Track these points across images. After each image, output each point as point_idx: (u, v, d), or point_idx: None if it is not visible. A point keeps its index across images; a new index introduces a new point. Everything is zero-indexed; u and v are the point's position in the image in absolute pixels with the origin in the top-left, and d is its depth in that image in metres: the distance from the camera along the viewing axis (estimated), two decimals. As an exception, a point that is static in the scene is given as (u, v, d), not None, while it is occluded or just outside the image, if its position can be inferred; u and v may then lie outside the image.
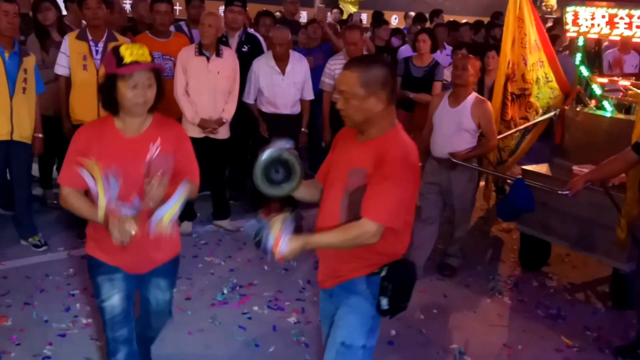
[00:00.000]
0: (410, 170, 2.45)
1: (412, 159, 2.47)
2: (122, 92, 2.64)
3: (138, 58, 2.63)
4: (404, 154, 2.45)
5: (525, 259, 5.38)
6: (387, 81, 2.45)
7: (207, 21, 5.22)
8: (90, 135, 2.74)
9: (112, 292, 2.91)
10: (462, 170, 4.79)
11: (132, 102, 2.66)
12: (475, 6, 14.22)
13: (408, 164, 2.44)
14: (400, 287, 2.61)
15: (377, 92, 2.43)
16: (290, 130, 5.86)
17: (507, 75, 5.51)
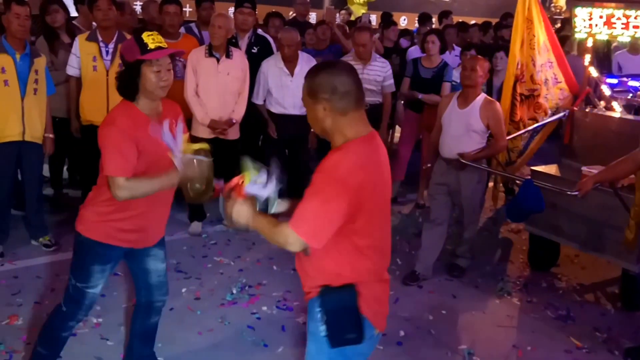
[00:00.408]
0: (338, 186, 2.19)
1: (341, 175, 2.20)
2: (147, 76, 2.80)
3: (160, 44, 2.82)
4: (334, 167, 2.23)
5: (534, 260, 5.37)
6: (336, 89, 2.24)
7: (217, 22, 5.24)
8: (128, 121, 2.82)
9: (100, 281, 3.08)
10: (471, 171, 4.79)
11: (157, 86, 2.83)
12: (484, 7, 14.18)
13: (335, 180, 2.20)
14: (332, 315, 2.33)
15: (324, 100, 2.26)
16: (299, 130, 5.88)
17: (516, 76, 5.52)
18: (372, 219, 2.31)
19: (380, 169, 2.37)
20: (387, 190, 2.45)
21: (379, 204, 2.35)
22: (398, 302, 4.63)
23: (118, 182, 2.78)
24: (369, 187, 2.26)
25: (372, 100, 5.95)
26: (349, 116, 2.28)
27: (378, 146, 2.39)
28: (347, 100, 2.26)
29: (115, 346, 3.79)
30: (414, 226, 6.14)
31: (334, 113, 2.27)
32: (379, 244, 2.42)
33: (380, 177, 2.37)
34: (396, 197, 6.90)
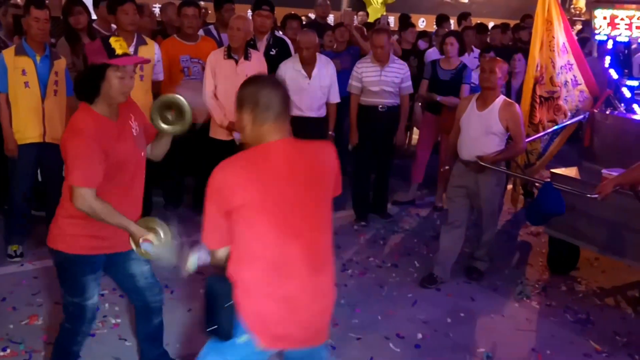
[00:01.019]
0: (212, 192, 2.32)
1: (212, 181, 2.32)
2: (111, 81, 2.82)
3: (126, 51, 2.86)
4: (212, 174, 2.34)
5: (553, 263, 5.33)
6: (259, 102, 2.35)
7: (236, 25, 5.26)
8: (94, 129, 2.81)
9: (95, 290, 3.09)
10: (489, 173, 4.76)
11: (119, 92, 2.86)
12: (503, 9, 14.10)
13: (209, 186, 2.32)
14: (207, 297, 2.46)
15: (245, 110, 2.37)
16: (316, 133, 5.88)
17: (536, 78, 5.48)
18: (253, 229, 2.32)
19: (280, 179, 2.35)
20: (297, 200, 2.38)
21: (268, 213, 2.33)
22: (416, 304, 4.62)
23: (81, 192, 2.76)
24: (244, 193, 2.30)
25: (389, 103, 5.94)
26: (264, 127, 2.37)
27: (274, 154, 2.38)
28: (267, 113, 2.36)
29: (133, 346, 3.81)
30: (432, 229, 6.12)
31: (253, 123, 2.37)
32: (275, 258, 2.36)
33: (284, 187, 2.35)
34: (414, 199, 6.90)
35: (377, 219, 6.30)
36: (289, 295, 2.37)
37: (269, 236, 2.33)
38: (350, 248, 5.60)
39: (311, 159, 2.47)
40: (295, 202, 2.36)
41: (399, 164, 7.23)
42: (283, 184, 2.35)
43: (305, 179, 2.41)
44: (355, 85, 5.97)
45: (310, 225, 2.41)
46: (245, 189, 2.30)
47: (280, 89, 2.42)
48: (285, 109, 2.41)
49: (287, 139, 2.42)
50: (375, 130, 5.98)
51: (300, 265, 2.37)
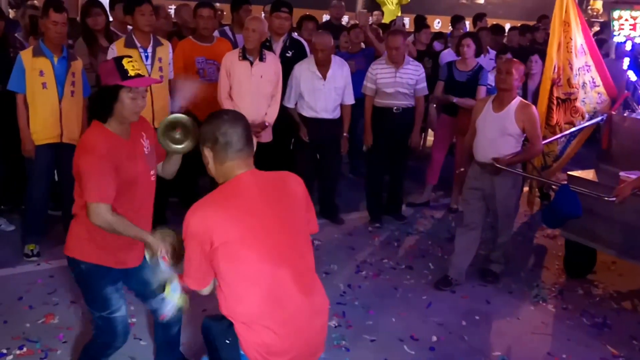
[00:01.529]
0: (187, 235, 2.35)
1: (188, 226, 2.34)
2: (124, 102, 2.85)
3: (139, 71, 2.88)
4: (186, 217, 2.36)
5: (570, 266, 5.28)
6: (217, 140, 2.40)
7: (251, 26, 5.26)
8: (106, 147, 2.84)
9: (121, 302, 3.08)
10: (505, 175, 4.73)
11: (132, 112, 2.89)
12: (519, 10, 14.02)
13: (185, 230, 2.35)
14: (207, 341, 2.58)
15: (206, 147, 2.45)
16: (331, 134, 5.88)
17: (553, 79, 5.44)
18: (238, 263, 2.32)
19: (255, 211, 2.38)
20: (275, 228, 2.40)
21: (258, 245, 2.34)
22: (430, 306, 4.60)
23: (97, 208, 2.78)
24: (237, 234, 2.32)
25: (404, 104, 5.92)
26: (226, 165, 2.43)
27: (258, 186, 2.44)
28: (228, 150, 2.41)
29: (149, 346, 3.83)
30: (447, 231, 6.10)
31: (215, 160, 2.45)
32: (268, 287, 2.36)
33: (260, 217, 2.37)
34: (428, 201, 6.87)
35: (391, 221, 6.29)
36: (289, 320, 2.39)
37: (256, 268, 2.34)
38: (364, 249, 5.59)
39: (280, 188, 2.51)
40: (274, 230, 2.39)
41: (413, 165, 7.21)
42: (259, 215, 2.38)
43: (279, 208, 2.45)
44: (370, 87, 5.96)
45: (293, 250, 2.44)
46: (223, 228, 2.31)
47: (240, 124, 2.45)
48: (246, 143, 2.44)
49: (252, 171, 2.47)
50: (390, 132, 5.96)
51: (293, 289, 2.40)
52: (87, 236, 2.95)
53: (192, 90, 3.43)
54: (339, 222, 6.17)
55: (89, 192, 2.78)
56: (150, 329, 4.00)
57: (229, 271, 2.33)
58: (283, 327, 2.38)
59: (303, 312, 2.43)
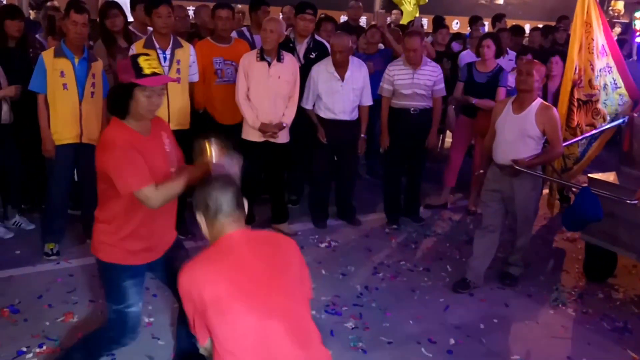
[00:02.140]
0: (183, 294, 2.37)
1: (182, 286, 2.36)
2: (139, 100, 2.87)
3: (155, 70, 2.89)
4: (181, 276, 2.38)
5: (590, 270, 5.22)
6: (208, 206, 2.45)
7: (269, 27, 5.26)
8: (127, 140, 2.87)
9: (137, 297, 3.09)
10: (525, 177, 4.69)
11: (147, 110, 2.92)
12: (538, 10, 13.90)
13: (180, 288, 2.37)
14: None
15: (199, 212, 2.49)
16: (348, 136, 5.87)
17: (574, 81, 5.39)
18: (237, 318, 2.28)
19: (246, 267, 2.36)
20: (266, 283, 2.36)
21: (248, 300, 2.30)
22: (448, 309, 4.57)
23: (147, 193, 2.83)
24: (226, 290, 2.30)
25: (422, 105, 5.89)
26: (216, 227, 2.46)
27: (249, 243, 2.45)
28: (219, 215, 2.44)
29: (166, 345, 3.84)
30: (465, 233, 6.06)
31: (208, 224, 2.48)
32: (259, 343, 2.30)
33: (251, 273, 2.36)
34: (446, 203, 6.84)
35: (409, 223, 6.26)
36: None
37: (246, 320, 2.29)
38: (381, 251, 5.58)
39: (273, 245, 2.51)
40: (265, 284, 2.35)
41: (431, 167, 7.18)
42: (249, 270, 2.36)
43: (271, 263, 2.43)
44: (387, 88, 5.94)
45: (285, 303, 2.37)
46: (212, 284, 2.30)
47: (229, 190, 2.48)
48: (237, 207, 2.47)
49: (244, 230, 2.49)
50: (407, 133, 5.93)
51: (286, 342, 2.32)
52: (110, 241, 2.99)
53: None
54: (356, 224, 6.15)
55: (127, 183, 2.82)
56: (169, 329, 4.02)
57: (220, 327, 2.30)
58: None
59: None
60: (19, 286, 4.49)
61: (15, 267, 4.72)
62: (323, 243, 5.64)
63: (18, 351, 3.71)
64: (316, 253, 5.41)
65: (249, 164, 5.52)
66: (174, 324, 4.05)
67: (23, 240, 5.30)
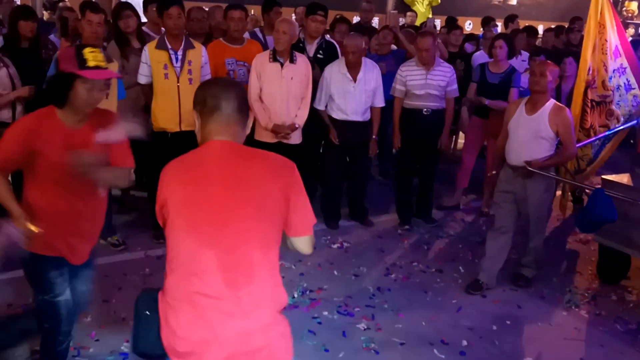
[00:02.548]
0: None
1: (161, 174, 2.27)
2: (78, 92, 2.81)
3: (100, 63, 2.82)
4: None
5: (603, 272, 5.20)
6: (205, 101, 2.27)
7: (282, 28, 5.27)
8: (34, 125, 2.85)
9: (64, 286, 3.09)
10: (538, 179, 4.68)
11: (86, 103, 2.85)
12: (552, 11, 13.87)
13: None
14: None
15: (195, 110, 2.31)
16: (361, 137, 5.86)
17: (587, 82, 5.36)
18: (179, 231, 2.18)
19: (208, 183, 2.19)
20: (223, 208, 2.17)
21: (193, 217, 2.17)
22: (461, 310, 4.56)
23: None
24: (178, 197, 2.19)
25: (434, 106, 5.88)
26: (209, 127, 2.27)
27: (224, 159, 2.24)
28: (214, 114, 2.26)
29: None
30: (477, 234, 6.04)
31: (201, 124, 2.30)
32: (187, 264, 2.17)
33: (210, 192, 2.18)
34: (459, 204, 6.82)
35: (421, 224, 6.25)
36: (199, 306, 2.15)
37: (182, 242, 2.17)
38: (393, 252, 5.57)
39: (251, 169, 2.23)
40: (218, 211, 2.16)
41: (444, 168, 7.16)
42: (211, 190, 2.18)
43: (236, 188, 2.19)
44: (399, 89, 5.93)
45: (233, 237, 2.15)
46: (173, 188, 2.21)
47: (233, 91, 2.29)
48: (237, 111, 2.27)
49: (229, 142, 2.26)
50: (419, 134, 5.92)
51: (216, 278, 2.13)
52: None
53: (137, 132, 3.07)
54: (368, 225, 6.15)
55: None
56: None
57: (166, 235, 2.23)
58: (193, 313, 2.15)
59: (220, 307, 2.13)
60: (33, 286, 4.52)
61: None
62: (335, 244, 5.64)
63: (32, 350, 3.73)
64: (328, 254, 5.41)
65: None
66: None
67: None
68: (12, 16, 5.27)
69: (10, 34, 5.18)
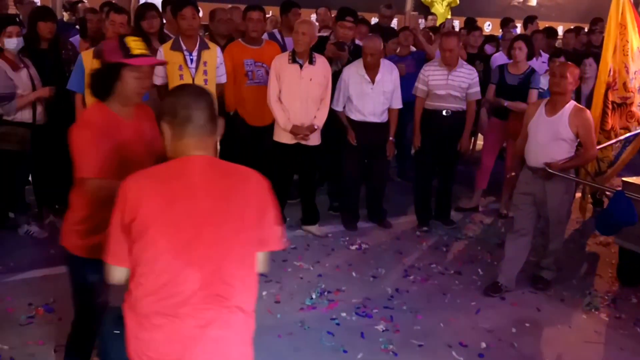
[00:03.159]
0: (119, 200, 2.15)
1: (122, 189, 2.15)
2: (127, 81, 2.77)
3: (144, 51, 2.80)
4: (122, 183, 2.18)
5: (623, 275, 5.15)
6: (175, 112, 2.21)
7: (302, 29, 5.29)
8: (102, 124, 2.79)
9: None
10: (558, 181, 4.65)
11: (135, 92, 2.82)
12: (572, 12, 13.77)
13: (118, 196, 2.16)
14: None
15: (164, 121, 2.25)
16: (379, 138, 5.86)
17: (608, 83, 5.33)
18: (156, 249, 2.11)
19: (187, 198, 2.15)
20: (203, 224, 2.14)
21: (173, 234, 2.11)
22: (479, 313, 4.55)
23: (89, 182, 2.75)
24: (154, 209, 2.11)
25: (455, 107, 5.86)
26: (184, 141, 2.21)
27: (204, 174, 2.20)
28: (186, 126, 2.20)
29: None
30: (496, 236, 6.01)
31: (173, 137, 2.24)
32: (165, 281, 2.11)
33: (190, 207, 2.14)
34: (477, 206, 6.79)
35: (439, 225, 6.24)
36: (177, 320, 2.12)
37: (160, 258, 2.11)
38: (412, 254, 5.56)
39: (231, 185, 2.22)
40: (198, 225, 2.14)
41: (463, 169, 7.14)
42: (190, 204, 2.14)
43: (219, 205, 2.17)
44: (421, 89, 5.93)
45: (217, 254, 2.15)
46: (147, 201, 2.11)
47: (203, 100, 2.25)
48: (209, 121, 2.23)
49: (207, 157, 2.23)
50: (439, 135, 5.91)
51: (197, 294, 2.12)
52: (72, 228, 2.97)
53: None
54: (387, 226, 6.15)
55: (81, 167, 2.74)
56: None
57: (137, 248, 2.12)
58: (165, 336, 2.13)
59: (196, 323, 2.14)
60: (53, 285, 4.55)
61: (50, 267, 4.75)
62: (353, 245, 5.64)
63: (54, 349, 3.78)
64: (347, 255, 5.41)
65: (281, 166, 5.57)
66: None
67: (58, 239, 5.35)
68: (31, 17, 5.33)
69: (29, 35, 5.23)
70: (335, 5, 6.98)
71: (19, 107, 4.92)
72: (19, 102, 4.90)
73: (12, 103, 4.86)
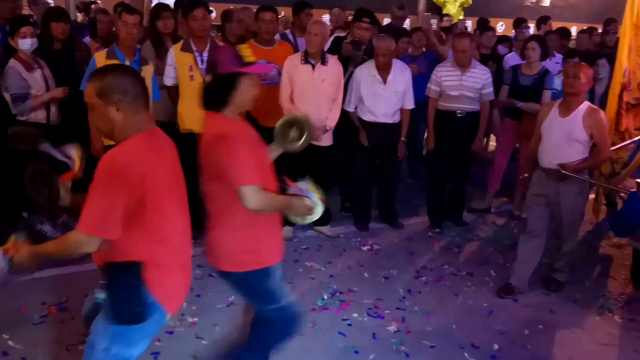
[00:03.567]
0: (113, 178, 2.27)
1: (117, 166, 2.28)
2: (245, 90, 2.82)
3: (253, 58, 2.85)
4: (109, 160, 2.29)
5: (637, 277, 5.11)
6: (127, 89, 2.34)
7: (314, 30, 5.29)
8: (239, 130, 2.83)
9: (284, 291, 3.13)
10: (571, 182, 4.61)
11: (251, 99, 2.88)
12: (586, 13, 13.70)
13: (110, 172, 2.27)
14: (114, 288, 2.46)
15: (115, 101, 2.33)
16: (390, 139, 5.85)
17: (623, 84, 5.30)
18: (163, 207, 2.43)
19: (167, 161, 2.50)
20: (179, 181, 2.59)
21: (170, 193, 2.47)
22: (492, 314, 4.53)
23: (247, 191, 2.72)
24: (154, 177, 2.37)
25: (468, 108, 5.84)
26: (140, 116, 2.40)
27: (161, 140, 2.53)
28: (138, 101, 2.38)
29: (210, 345, 3.88)
30: (509, 237, 5.98)
31: (127, 114, 2.36)
32: (173, 231, 2.51)
33: (169, 168, 2.49)
34: (490, 207, 6.77)
35: (452, 226, 6.22)
36: (187, 261, 2.66)
37: (175, 214, 2.51)
38: (424, 255, 5.55)
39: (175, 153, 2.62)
40: (178, 181, 2.56)
41: (475, 170, 7.11)
42: (171, 166, 2.52)
43: (178, 168, 2.60)
44: (434, 89, 5.91)
45: (185, 200, 2.63)
46: (155, 173, 2.37)
47: (139, 75, 2.49)
48: (146, 93, 2.46)
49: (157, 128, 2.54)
50: (452, 136, 5.89)
51: (189, 234, 2.65)
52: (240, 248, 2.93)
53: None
54: (399, 227, 6.13)
55: (239, 178, 2.72)
56: (213, 329, 4.06)
57: (152, 217, 2.39)
58: (184, 269, 2.64)
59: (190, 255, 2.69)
60: (66, 285, 4.58)
61: (63, 266, 4.78)
62: (365, 246, 5.63)
63: (66, 348, 3.80)
64: (358, 256, 5.41)
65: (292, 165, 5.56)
66: (217, 324, 4.11)
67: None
68: (45, 18, 5.36)
69: (43, 36, 5.26)
70: (347, 6, 6.99)
71: (33, 108, 4.95)
72: (33, 103, 4.93)
73: (26, 103, 4.90)
